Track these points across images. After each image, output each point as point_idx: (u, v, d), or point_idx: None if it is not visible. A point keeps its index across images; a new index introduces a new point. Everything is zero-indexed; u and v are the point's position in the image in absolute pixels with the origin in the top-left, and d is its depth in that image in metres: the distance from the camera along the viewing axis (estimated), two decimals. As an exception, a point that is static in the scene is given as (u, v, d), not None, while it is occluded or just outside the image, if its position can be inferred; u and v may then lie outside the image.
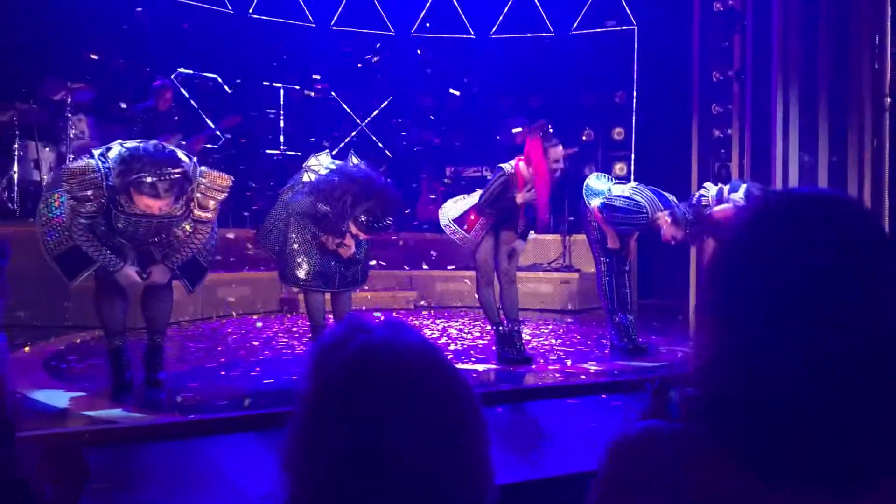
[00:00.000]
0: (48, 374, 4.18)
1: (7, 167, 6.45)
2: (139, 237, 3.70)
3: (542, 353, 5.17)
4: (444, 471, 0.81)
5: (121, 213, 3.57)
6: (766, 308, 0.81)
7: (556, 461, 2.86)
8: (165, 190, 3.44)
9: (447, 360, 0.89)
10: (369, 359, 0.82)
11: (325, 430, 0.80)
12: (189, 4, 8.60)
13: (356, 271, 4.52)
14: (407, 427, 0.80)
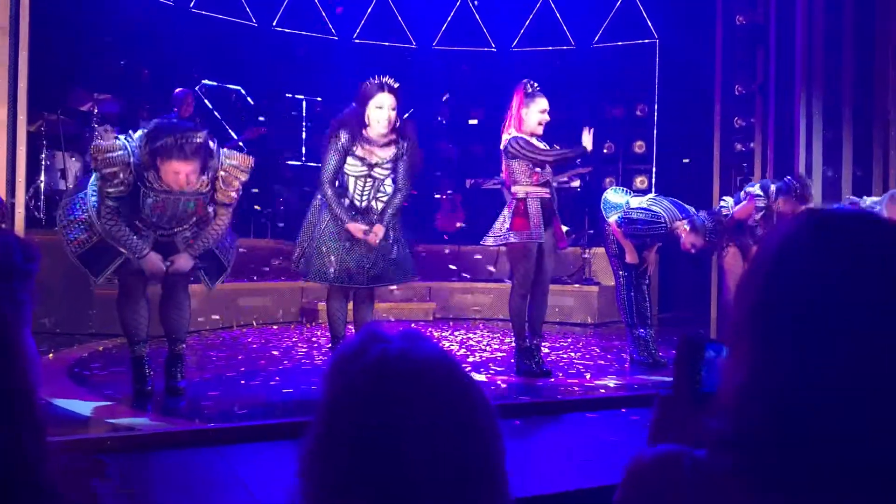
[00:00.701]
0: (72, 381, 4.22)
1: (34, 177, 6.55)
2: (166, 219, 3.72)
3: (562, 367, 5.15)
4: (459, 482, 0.81)
5: (150, 190, 3.58)
6: (810, 333, 0.75)
7: (575, 475, 2.84)
8: (192, 152, 3.45)
9: (463, 371, 0.90)
10: (386, 369, 0.83)
11: (341, 438, 0.81)
12: (214, 17, 8.71)
13: (386, 269, 4.37)
14: (422, 437, 0.80)
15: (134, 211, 3.64)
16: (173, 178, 3.54)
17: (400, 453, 0.79)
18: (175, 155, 3.46)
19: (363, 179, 4.35)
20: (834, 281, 0.76)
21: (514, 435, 3.41)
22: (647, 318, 5.27)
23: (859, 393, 0.73)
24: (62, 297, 5.96)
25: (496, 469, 0.87)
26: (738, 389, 0.79)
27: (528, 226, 4.65)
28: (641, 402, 4.07)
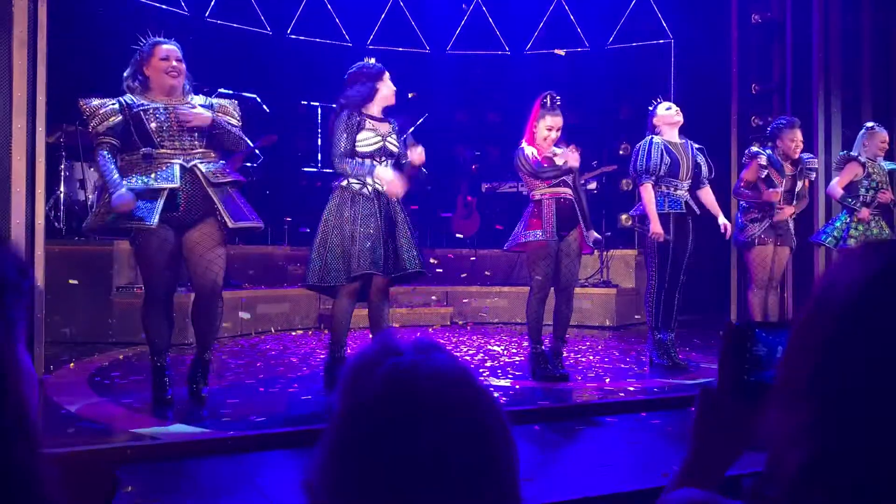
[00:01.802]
0: (92, 390, 4.26)
1: (54, 187, 6.62)
2: (177, 135, 3.80)
3: (581, 370, 5.12)
4: (471, 493, 0.80)
5: (143, 111, 3.77)
6: (889, 388, 0.66)
7: (594, 481, 2.82)
8: (168, 39, 3.91)
9: (477, 383, 0.89)
10: (397, 382, 0.82)
11: (351, 451, 0.81)
12: (229, 26, 8.77)
13: (408, 257, 4.29)
14: (434, 450, 0.79)
15: (146, 137, 3.77)
16: (164, 67, 3.83)
17: (411, 466, 0.79)
18: (158, 42, 3.89)
19: (380, 155, 4.32)
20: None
21: (532, 440, 3.40)
22: (671, 321, 5.21)
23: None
24: (82, 306, 6.02)
25: (509, 480, 0.86)
26: (800, 447, 0.69)
27: (541, 225, 4.67)
28: (661, 406, 4.03)
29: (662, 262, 5.11)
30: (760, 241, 5.47)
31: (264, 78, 8.92)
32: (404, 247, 4.29)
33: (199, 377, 3.94)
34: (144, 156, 3.77)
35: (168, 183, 3.75)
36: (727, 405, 0.95)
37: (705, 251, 5.53)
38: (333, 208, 4.29)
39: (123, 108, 3.79)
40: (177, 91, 3.91)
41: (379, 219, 4.24)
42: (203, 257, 3.85)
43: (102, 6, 7.43)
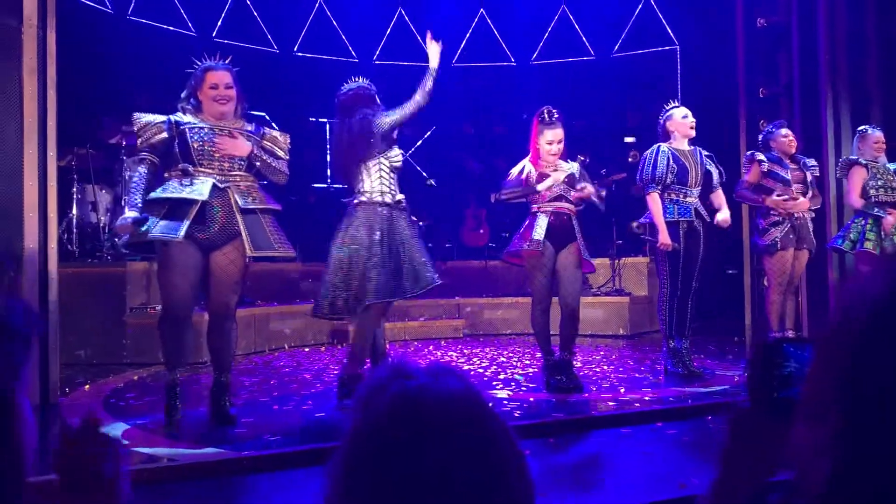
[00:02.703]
0: (107, 412, 4.27)
1: (66, 210, 6.67)
2: (217, 156, 3.85)
3: (595, 381, 5.10)
4: None
5: (195, 131, 3.85)
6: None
7: (611, 494, 2.80)
8: (223, 66, 4.02)
9: (486, 408, 0.89)
10: (404, 405, 0.83)
11: (359, 470, 0.81)
12: (236, 45, 8.83)
13: (421, 271, 4.31)
14: (439, 473, 0.79)
15: (187, 154, 3.83)
16: (213, 95, 3.90)
17: (416, 487, 0.79)
18: (210, 69, 3.97)
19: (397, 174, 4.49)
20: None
21: (547, 453, 3.38)
22: (685, 329, 5.18)
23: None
24: (96, 328, 6.05)
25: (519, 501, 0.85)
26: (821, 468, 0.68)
27: (530, 235, 4.71)
28: (677, 416, 4.01)
29: (674, 270, 5.09)
30: (782, 245, 5.45)
31: (272, 96, 8.97)
32: (418, 264, 4.31)
33: (225, 400, 3.93)
34: (183, 171, 3.83)
35: (197, 196, 3.77)
36: (758, 423, 0.94)
37: (718, 256, 5.50)
38: (351, 229, 4.31)
39: (171, 126, 3.87)
40: (228, 116, 3.98)
41: (396, 237, 4.29)
42: (222, 282, 3.88)
43: (111, 30, 7.51)
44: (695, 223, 5.15)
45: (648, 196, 5.13)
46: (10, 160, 4.30)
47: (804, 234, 5.55)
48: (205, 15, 8.61)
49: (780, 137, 5.62)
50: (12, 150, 4.31)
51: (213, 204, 3.82)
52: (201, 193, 3.79)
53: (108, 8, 7.78)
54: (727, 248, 7.73)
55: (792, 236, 5.48)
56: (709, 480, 1.00)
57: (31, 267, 4.34)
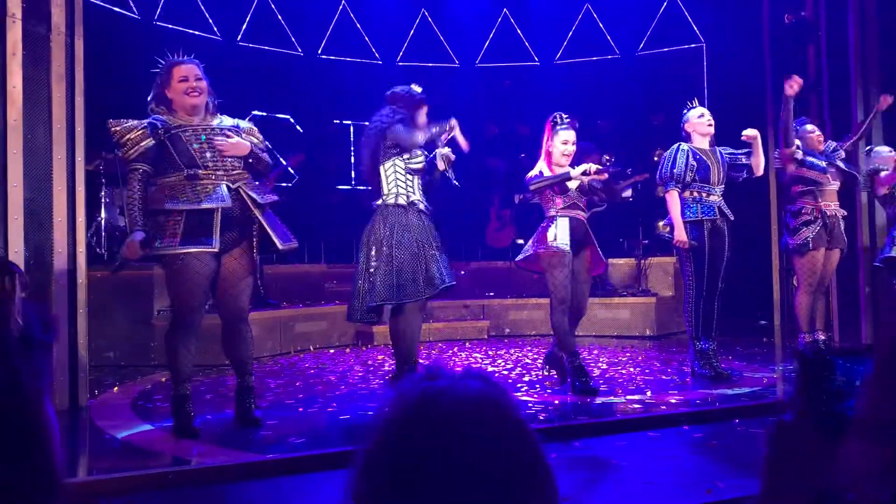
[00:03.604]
0: (135, 414, 4.32)
1: (94, 214, 6.76)
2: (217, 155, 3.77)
3: (621, 383, 5.06)
4: None
5: (182, 133, 3.74)
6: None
7: (637, 498, 2.77)
8: (187, 58, 3.88)
9: (507, 412, 0.87)
10: (422, 405, 0.83)
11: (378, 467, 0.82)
12: (261, 49, 8.91)
13: (447, 274, 4.35)
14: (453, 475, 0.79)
15: (190, 160, 3.72)
16: (184, 89, 3.76)
17: (433, 490, 0.78)
18: (177, 63, 3.84)
19: (418, 177, 4.47)
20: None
21: (572, 457, 3.35)
22: (711, 330, 5.13)
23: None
24: (125, 331, 6.13)
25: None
26: (884, 494, 0.66)
27: (554, 237, 4.75)
28: (704, 419, 3.96)
29: (699, 270, 5.04)
30: (814, 245, 5.37)
31: (297, 98, 9.03)
32: (434, 264, 4.33)
33: (250, 403, 3.90)
34: (189, 177, 3.71)
35: (220, 203, 3.71)
36: (805, 438, 0.89)
37: (746, 255, 5.44)
38: (387, 227, 4.31)
39: (157, 130, 3.72)
40: (199, 110, 3.84)
41: (429, 239, 4.33)
42: (235, 286, 3.85)
43: (138, 35, 7.60)
44: (719, 222, 5.09)
45: (667, 194, 5.13)
46: (40, 166, 4.36)
47: (836, 233, 5.46)
48: (230, 19, 8.68)
49: (808, 134, 5.58)
50: (42, 156, 4.38)
51: (231, 207, 3.78)
52: (223, 199, 3.73)
53: (135, 14, 7.87)
54: (758, 250, 7.64)
55: (824, 235, 5.40)
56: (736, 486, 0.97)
57: (60, 271, 4.40)
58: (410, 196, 4.40)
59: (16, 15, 4.16)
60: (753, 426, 3.83)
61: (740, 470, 3.05)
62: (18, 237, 4.14)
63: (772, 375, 5.32)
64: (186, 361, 3.77)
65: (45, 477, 0.74)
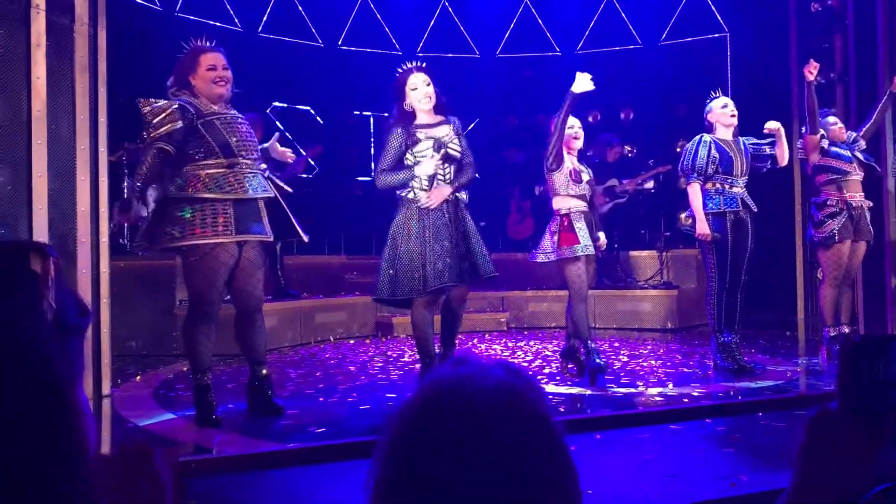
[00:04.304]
0: (157, 403, 4.35)
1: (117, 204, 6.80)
2: (241, 143, 3.76)
3: (642, 376, 5.02)
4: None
5: (216, 119, 3.72)
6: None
7: (660, 492, 2.74)
8: (213, 45, 3.87)
9: (532, 405, 0.85)
10: (438, 392, 0.82)
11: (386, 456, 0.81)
12: (281, 40, 8.91)
13: (475, 263, 4.26)
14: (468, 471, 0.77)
15: (224, 146, 3.70)
16: (212, 77, 3.76)
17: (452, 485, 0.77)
18: (204, 50, 3.81)
19: (441, 163, 4.24)
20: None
21: (593, 450, 3.33)
22: (734, 322, 5.08)
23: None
24: (147, 320, 6.18)
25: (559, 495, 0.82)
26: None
27: (578, 240, 4.79)
28: (727, 412, 3.92)
29: (722, 262, 4.99)
30: (840, 237, 5.29)
31: (317, 90, 9.03)
32: (478, 253, 4.29)
33: (269, 392, 3.90)
34: (230, 165, 3.72)
35: (265, 193, 3.76)
36: (848, 429, 0.85)
37: (769, 247, 5.37)
38: (402, 220, 4.23)
39: (187, 113, 3.70)
40: (223, 99, 3.85)
41: (452, 228, 4.23)
42: (253, 276, 3.86)
43: (159, 26, 7.63)
44: (742, 214, 5.04)
45: (688, 186, 5.10)
46: (64, 156, 4.39)
47: (862, 225, 5.38)
48: (251, 11, 8.70)
49: (830, 126, 5.51)
50: (65, 147, 4.41)
51: (260, 196, 3.81)
52: (266, 189, 3.77)
53: (157, 5, 7.91)
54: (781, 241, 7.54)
55: (850, 227, 5.32)
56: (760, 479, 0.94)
57: (83, 261, 4.43)
58: (422, 189, 4.27)
59: (39, 6, 4.18)
60: (777, 420, 3.79)
61: (764, 463, 3.02)
62: (43, 227, 4.17)
63: (795, 369, 5.26)
64: (206, 351, 3.78)
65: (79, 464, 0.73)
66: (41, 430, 0.72)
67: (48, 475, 0.72)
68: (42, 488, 0.72)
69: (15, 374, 0.73)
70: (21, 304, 0.77)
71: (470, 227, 4.32)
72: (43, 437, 0.73)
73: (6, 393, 0.71)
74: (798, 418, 3.81)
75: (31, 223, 4.14)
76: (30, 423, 0.72)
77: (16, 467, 0.70)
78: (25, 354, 0.74)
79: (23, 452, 0.70)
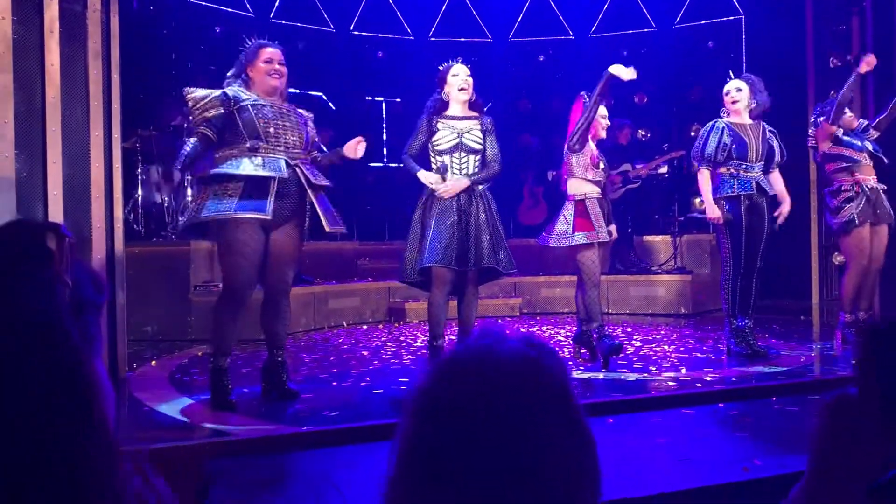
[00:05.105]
0: (173, 387, 4.39)
1: (131, 191, 6.85)
2: (280, 132, 3.85)
3: (655, 360, 5.02)
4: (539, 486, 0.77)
5: (251, 106, 3.83)
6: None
7: (674, 475, 2.75)
8: (274, 43, 4.04)
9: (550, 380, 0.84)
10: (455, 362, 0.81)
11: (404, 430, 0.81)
12: (294, 26, 8.90)
13: (490, 253, 4.36)
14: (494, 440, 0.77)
15: (253, 128, 3.79)
16: (268, 70, 3.90)
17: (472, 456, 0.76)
18: (264, 45, 3.99)
19: (459, 154, 4.43)
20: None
21: (606, 434, 3.34)
22: (748, 307, 5.05)
23: None
24: (162, 305, 6.22)
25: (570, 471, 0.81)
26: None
27: (592, 226, 4.82)
28: (740, 397, 3.91)
29: (736, 247, 4.96)
30: (860, 220, 5.23)
31: (329, 75, 9.03)
32: (485, 243, 4.36)
33: (284, 377, 3.96)
34: (251, 148, 3.79)
35: (276, 172, 3.78)
36: (867, 414, 0.83)
37: (784, 232, 5.32)
38: (419, 207, 4.48)
39: (228, 100, 3.82)
40: (277, 92, 3.98)
41: (454, 214, 4.33)
42: (281, 261, 3.90)
43: (172, 12, 7.65)
44: (756, 198, 5.00)
45: (698, 173, 5.07)
46: (78, 143, 4.42)
47: (880, 206, 5.31)
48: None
49: (844, 117, 5.43)
50: (79, 133, 4.43)
51: (288, 180, 3.83)
52: (280, 170, 3.79)
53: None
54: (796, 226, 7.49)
55: (869, 210, 5.25)
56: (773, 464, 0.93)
57: (98, 246, 4.47)
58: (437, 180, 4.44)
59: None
60: (790, 404, 3.78)
61: (777, 448, 3.01)
62: (58, 213, 4.21)
63: (810, 354, 5.24)
64: (230, 335, 3.83)
65: (100, 440, 0.74)
66: (61, 404, 0.73)
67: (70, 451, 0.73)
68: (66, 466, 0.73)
69: (35, 351, 0.74)
70: (39, 283, 0.78)
71: (482, 219, 4.39)
72: (63, 413, 0.74)
73: (27, 369, 0.72)
74: (812, 403, 3.80)
75: (46, 209, 4.18)
76: (50, 398, 0.73)
77: (37, 442, 0.71)
78: (44, 332, 0.75)
79: (43, 426, 0.71)
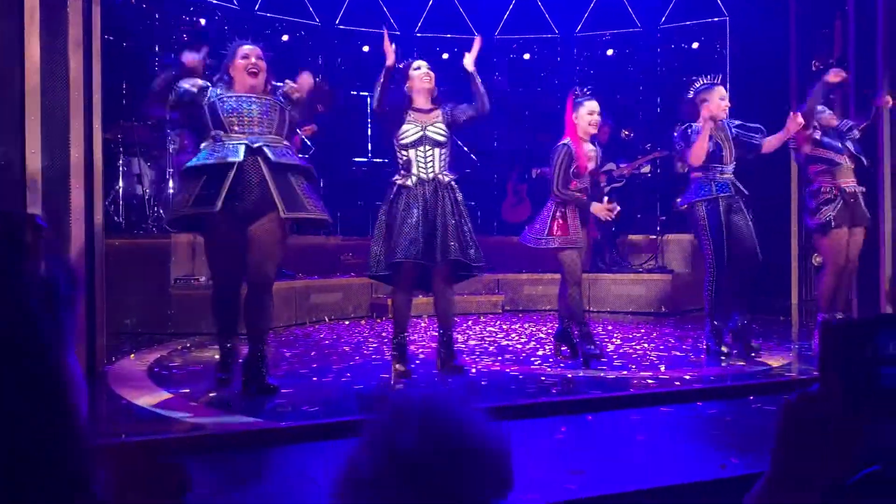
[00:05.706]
0: (152, 381, 4.36)
1: (112, 183, 6.79)
2: (246, 121, 3.96)
3: (635, 359, 5.05)
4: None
5: (224, 100, 3.97)
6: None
7: (649, 472, 2.76)
8: (252, 42, 4.14)
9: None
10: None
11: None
12: (278, 18, 8.85)
13: (459, 246, 4.36)
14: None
15: (217, 127, 3.93)
16: (245, 66, 4.00)
17: None
18: (241, 44, 4.14)
19: (423, 147, 4.48)
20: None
21: (584, 431, 3.36)
22: (730, 307, 5.08)
23: None
24: (142, 299, 6.17)
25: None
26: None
27: (568, 231, 4.87)
28: (718, 395, 3.94)
29: (718, 246, 4.99)
30: (836, 223, 5.30)
31: (314, 69, 8.95)
32: (451, 236, 4.34)
33: (263, 371, 3.96)
34: (214, 138, 3.92)
35: (232, 158, 3.84)
36: (829, 412, 0.80)
37: (763, 232, 5.37)
38: (385, 202, 4.52)
39: (205, 90, 4.01)
40: (258, 89, 4.06)
41: (419, 208, 4.34)
42: (261, 253, 3.90)
43: (157, 4, 7.58)
44: (734, 198, 5.06)
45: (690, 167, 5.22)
46: (57, 133, 4.36)
47: (857, 210, 5.38)
48: (247, -12, 8.64)
49: (819, 114, 5.51)
50: (59, 123, 4.38)
51: (247, 167, 3.86)
52: (236, 155, 3.86)
53: (153, -18, 7.84)
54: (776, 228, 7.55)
55: (846, 213, 5.32)
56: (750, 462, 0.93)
57: (77, 238, 4.42)
58: (400, 172, 4.49)
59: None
60: (768, 404, 3.81)
61: (755, 446, 3.04)
62: (36, 203, 4.16)
63: (788, 354, 5.28)
64: (230, 322, 4.00)
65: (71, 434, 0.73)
66: (31, 398, 0.72)
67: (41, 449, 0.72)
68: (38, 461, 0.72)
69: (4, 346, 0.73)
70: (10, 276, 0.76)
71: (448, 208, 4.37)
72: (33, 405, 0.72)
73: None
74: (789, 402, 3.83)
75: (24, 199, 4.13)
76: (19, 392, 0.72)
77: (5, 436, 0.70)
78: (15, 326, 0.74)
79: (13, 421, 0.70)
